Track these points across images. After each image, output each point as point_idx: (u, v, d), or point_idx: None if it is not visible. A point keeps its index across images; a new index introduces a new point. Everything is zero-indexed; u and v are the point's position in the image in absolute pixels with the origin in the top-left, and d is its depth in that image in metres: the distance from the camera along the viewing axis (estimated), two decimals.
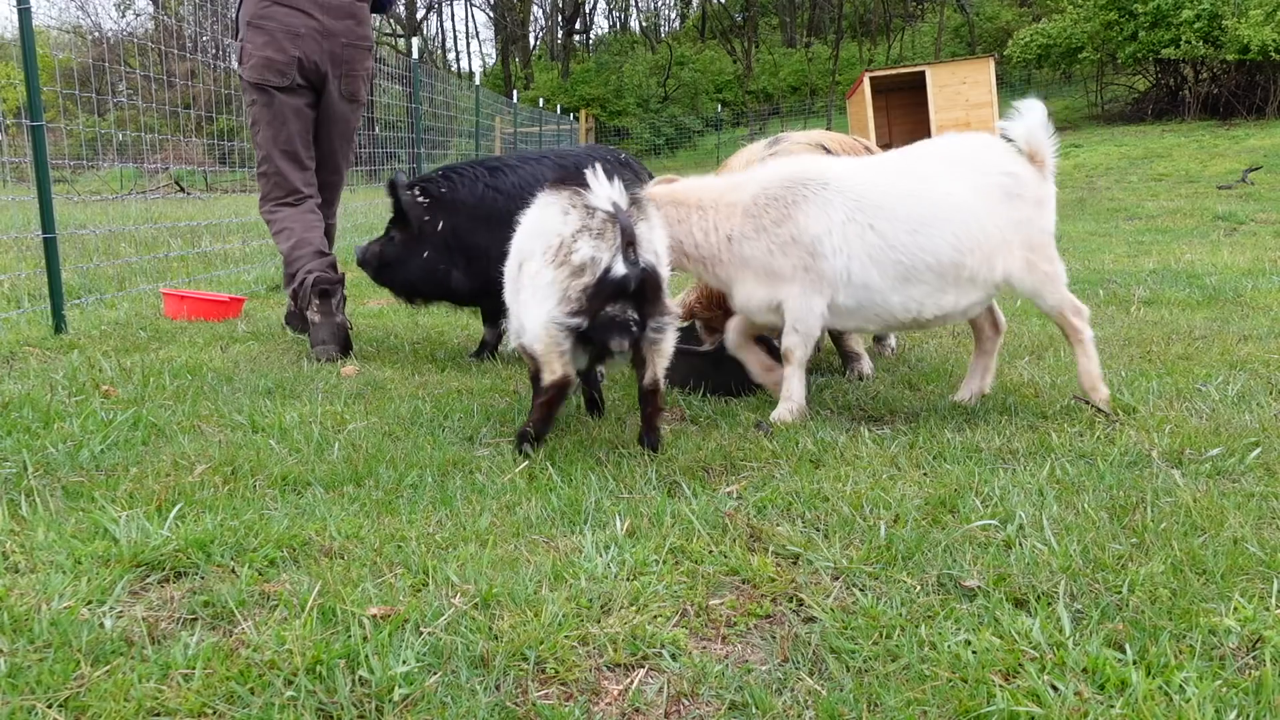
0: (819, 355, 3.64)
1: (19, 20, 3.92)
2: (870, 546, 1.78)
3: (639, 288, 2.26)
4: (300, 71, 3.82)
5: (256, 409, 2.76)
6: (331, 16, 3.85)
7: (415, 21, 36.60)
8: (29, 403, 2.72)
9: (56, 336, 3.94)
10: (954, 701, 1.31)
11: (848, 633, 1.50)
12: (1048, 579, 1.63)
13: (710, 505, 2.00)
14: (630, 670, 1.42)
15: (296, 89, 3.84)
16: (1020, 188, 2.66)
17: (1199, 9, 18.29)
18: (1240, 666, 1.38)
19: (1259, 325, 3.96)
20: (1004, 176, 2.66)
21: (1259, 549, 1.73)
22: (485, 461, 2.31)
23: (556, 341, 2.30)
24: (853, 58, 34.51)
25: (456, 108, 12.47)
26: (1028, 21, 26.71)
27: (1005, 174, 2.66)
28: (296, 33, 3.78)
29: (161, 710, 1.30)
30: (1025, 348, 3.65)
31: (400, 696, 1.32)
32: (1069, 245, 7.48)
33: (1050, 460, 2.26)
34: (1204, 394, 2.85)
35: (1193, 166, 13.96)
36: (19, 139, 5.15)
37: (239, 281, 5.79)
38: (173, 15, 6.93)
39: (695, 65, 35.56)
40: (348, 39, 3.90)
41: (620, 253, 2.24)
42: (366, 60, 4.04)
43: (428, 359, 3.66)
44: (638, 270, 2.24)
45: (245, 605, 1.57)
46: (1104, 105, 23.62)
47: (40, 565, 1.71)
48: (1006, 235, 2.64)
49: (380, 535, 1.85)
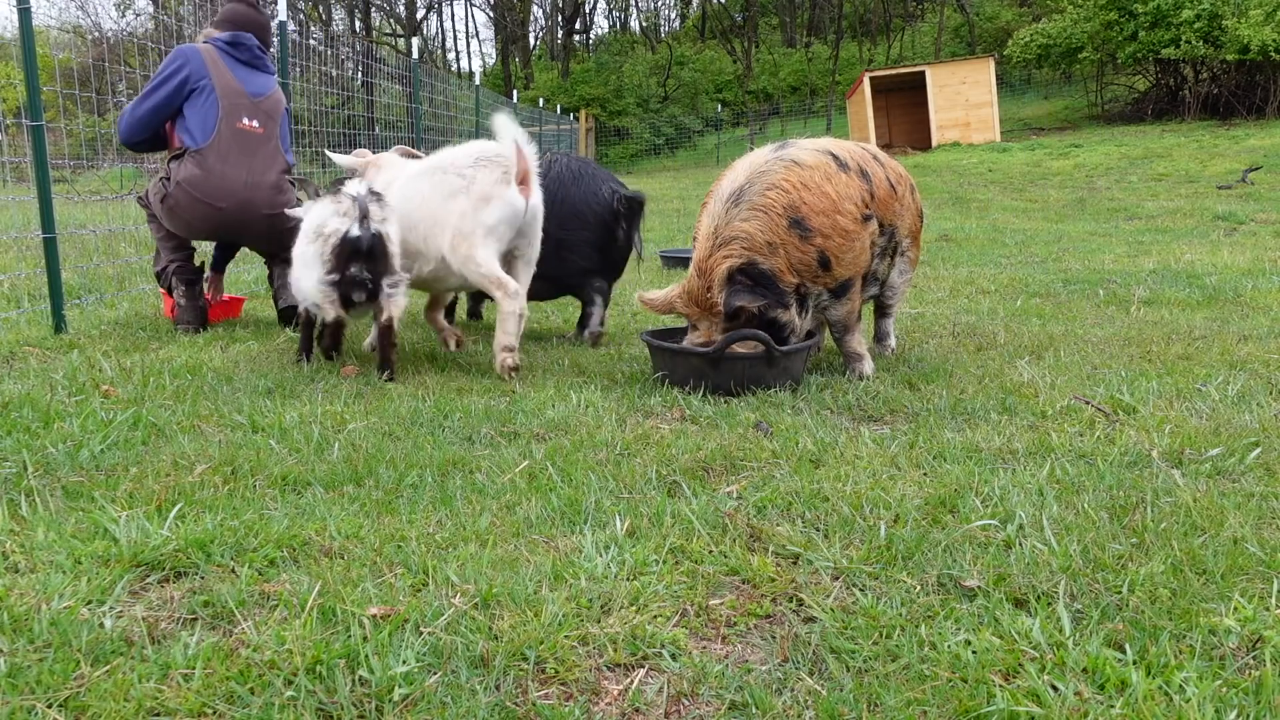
0: (820, 355, 3.64)
1: (19, 20, 3.92)
2: (870, 546, 1.79)
3: (370, 249, 3.14)
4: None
5: (256, 409, 2.76)
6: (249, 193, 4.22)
7: (415, 21, 36.60)
8: (29, 402, 2.72)
9: (56, 336, 3.94)
10: (954, 701, 1.31)
11: (848, 633, 1.50)
12: (1048, 579, 1.63)
13: (710, 505, 2.00)
14: (630, 670, 1.42)
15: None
16: (468, 188, 3.33)
17: (1199, 9, 18.30)
18: (1240, 666, 1.38)
19: (1259, 325, 3.96)
20: (458, 178, 3.35)
21: (1259, 549, 1.73)
22: (485, 461, 2.32)
23: (327, 295, 3.20)
24: (853, 58, 34.53)
25: (456, 108, 12.46)
26: (1028, 21, 26.71)
27: (459, 176, 3.35)
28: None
29: (161, 710, 1.30)
30: (1025, 348, 3.66)
31: (400, 696, 1.32)
32: (1069, 245, 7.49)
33: (1050, 460, 2.26)
34: (1204, 394, 2.85)
35: (1192, 166, 13.96)
36: (19, 139, 5.14)
37: (239, 281, 5.79)
38: (173, 15, 6.93)
39: (695, 65, 35.56)
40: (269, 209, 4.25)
41: (356, 222, 3.13)
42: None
43: (428, 359, 3.66)
44: (369, 234, 3.13)
45: (245, 605, 1.57)
46: (1104, 105, 23.62)
47: (40, 565, 1.71)
48: (446, 222, 3.35)
49: (380, 535, 1.85)
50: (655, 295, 3.19)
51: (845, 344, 3.33)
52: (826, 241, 3.03)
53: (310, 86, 8.27)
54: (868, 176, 3.19)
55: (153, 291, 5.11)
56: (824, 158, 3.12)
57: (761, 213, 3.00)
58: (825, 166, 3.09)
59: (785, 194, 3.01)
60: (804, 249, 3.01)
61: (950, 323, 4.29)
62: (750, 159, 3.19)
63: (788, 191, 3.01)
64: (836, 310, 3.22)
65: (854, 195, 3.10)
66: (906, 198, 3.41)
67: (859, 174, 3.16)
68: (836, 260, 3.07)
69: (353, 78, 10.90)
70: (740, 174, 3.12)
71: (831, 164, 3.11)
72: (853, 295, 3.21)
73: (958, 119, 20.67)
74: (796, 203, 3.00)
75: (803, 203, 3.00)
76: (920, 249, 3.64)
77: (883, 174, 3.28)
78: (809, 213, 3.01)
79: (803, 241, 3.01)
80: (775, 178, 3.03)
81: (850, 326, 3.28)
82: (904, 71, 21.94)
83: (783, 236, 3.00)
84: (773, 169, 3.06)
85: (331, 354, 3.51)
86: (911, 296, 5.12)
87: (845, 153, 3.21)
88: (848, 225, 3.07)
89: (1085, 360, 3.40)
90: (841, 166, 3.13)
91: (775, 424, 2.66)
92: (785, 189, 3.01)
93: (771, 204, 3.00)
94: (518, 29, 38.39)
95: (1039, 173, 15.08)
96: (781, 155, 3.12)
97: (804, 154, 3.12)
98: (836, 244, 3.05)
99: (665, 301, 3.16)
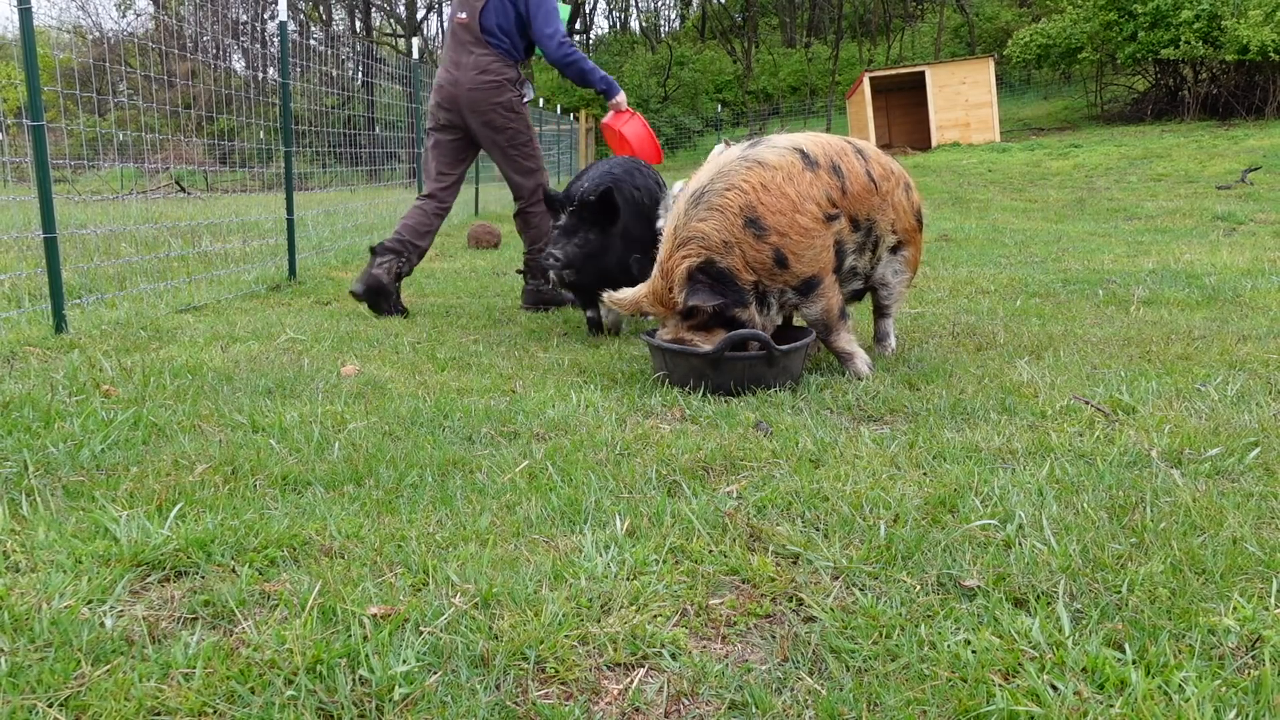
0: (819, 355, 3.64)
1: (20, 20, 3.92)
2: (870, 546, 1.79)
3: None
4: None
5: (256, 409, 2.77)
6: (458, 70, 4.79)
7: (415, 21, 36.59)
8: (29, 402, 2.73)
9: (57, 336, 3.94)
10: (954, 701, 1.31)
11: (847, 632, 1.50)
12: (1047, 579, 1.63)
13: (710, 505, 2.00)
14: (630, 670, 1.42)
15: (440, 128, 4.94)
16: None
17: (1198, 9, 18.31)
18: (1239, 666, 1.38)
19: (1258, 325, 3.96)
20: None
21: (1258, 549, 1.73)
22: (485, 461, 2.32)
23: None
24: (852, 58, 34.53)
25: None
26: (1027, 21, 26.72)
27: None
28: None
29: (162, 709, 1.30)
30: (1025, 348, 3.66)
31: (400, 696, 1.32)
32: (1069, 245, 7.49)
33: (1050, 460, 2.26)
34: (1203, 394, 2.85)
35: (1192, 167, 13.96)
36: (19, 139, 5.14)
37: (239, 282, 5.80)
38: (173, 15, 6.92)
39: (695, 65, 35.55)
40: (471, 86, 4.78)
41: None
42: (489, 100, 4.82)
43: (428, 359, 3.66)
44: None
45: (245, 605, 1.57)
46: (1103, 105, 23.63)
47: (40, 564, 1.71)
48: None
49: (380, 535, 1.85)
50: (624, 295, 3.21)
51: (832, 344, 3.33)
52: (783, 240, 3.04)
53: (310, 86, 8.27)
54: (839, 172, 3.19)
55: (153, 291, 5.12)
56: (790, 156, 3.13)
57: (718, 212, 3.03)
58: (789, 166, 3.10)
59: (743, 194, 3.03)
60: (759, 247, 3.03)
61: (950, 323, 4.29)
62: (720, 159, 3.21)
63: (746, 192, 3.04)
64: (810, 308, 3.22)
65: (817, 194, 3.11)
66: (894, 194, 3.40)
67: (829, 170, 3.16)
68: (795, 257, 3.08)
69: (353, 78, 10.91)
70: (705, 175, 3.16)
71: (798, 163, 3.12)
72: (823, 292, 3.20)
73: (957, 119, 20.68)
74: (754, 203, 3.03)
75: (760, 203, 3.03)
76: (920, 250, 3.63)
77: (861, 169, 3.27)
78: (765, 212, 3.02)
79: (758, 240, 3.03)
80: (736, 178, 3.06)
81: (832, 325, 3.28)
82: (904, 72, 21.95)
83: (738, 235, 3.02)
84: (734, 170, 3.09)
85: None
86: (911, 296, 5.12)
87: (817, 149, 3.21)
88: (807, 224, 3.07)
89: (1085, 360, 3.40)
90: (809, 164, 3.13)
91: (775, 424, 2.66)
92: (744, 189, 3.04)
93: (728, 204, 3.03)
94: None
95: (1038, 173, 15.09)
96: (747, 155, 3.14)
97: (769, 154, 3.13)
98: (794, 242, 3.06)
99: (633, 301, 3.19)
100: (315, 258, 6.98)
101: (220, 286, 5.57)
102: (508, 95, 4.78)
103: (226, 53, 9.79)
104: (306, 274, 6.37)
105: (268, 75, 8.94)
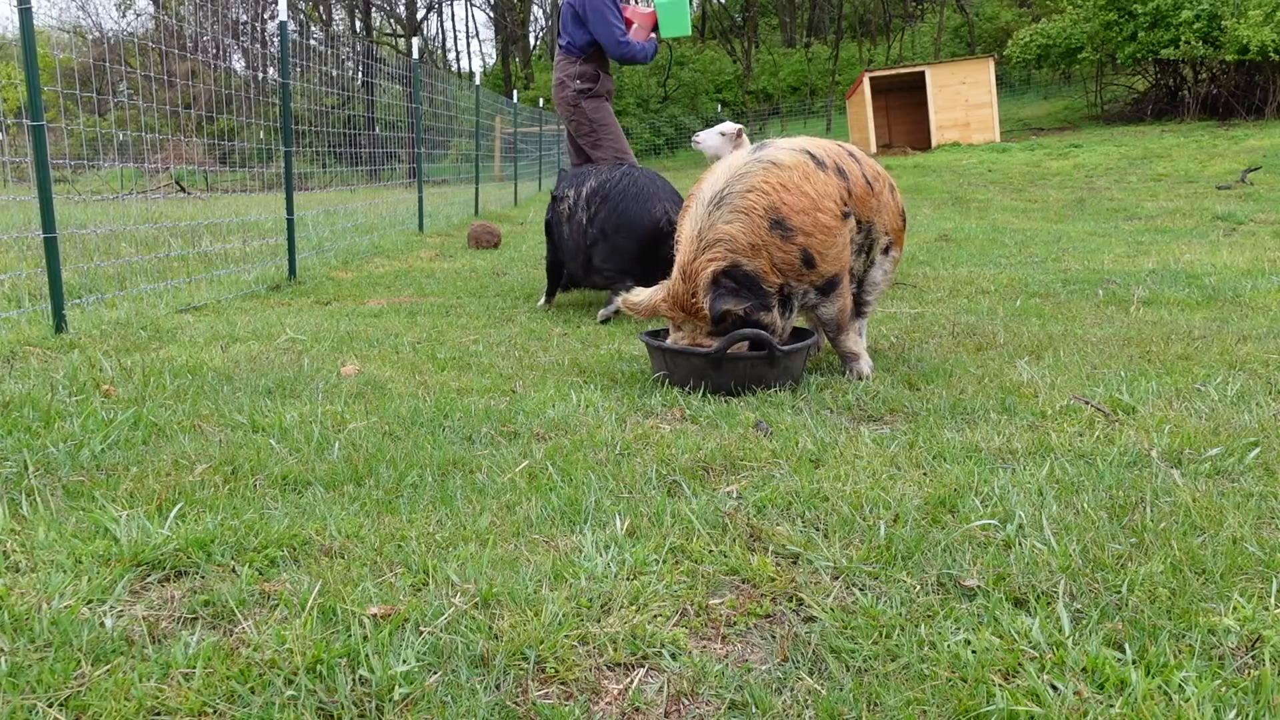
0: (819, 355, 3.64)
1: (20, 20, 3.92)
2: (870, 546, 1.79)
3: None
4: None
5: (256, 409, 2.77)
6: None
7: (415, 21, 36.59)
8: (29, 402, 2.73)
9: (57, 336, 3.94)
10: (954, 701, 1.31)
11: (847, 632, 1.50)
12: (1047, 579, 1.63)
13: (710, 505, 2.00)
14: (630, 670, 1.42)
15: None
16: None
17: (1198, 9, 18.31)
18: (1239, 666, 1.38)
19: (1258, 325, 3.96)
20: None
21: (1258, 549, 1.73)
22: (485, 461, 2.32)
23: None
24: (852, 58, 34.54)
25: (456, 108, 12.47)
26: (1027, 21, 26.73)
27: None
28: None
29: (162, 709, 1.30)
30: (1025, 348, 3.66)
31: (400, 696, 1.32)
32: (1068, 245, 7.49)
33: (1050, 460, 2.26)
34: (1203, 394, 2.85)
35: (1192, 167, 13.96)
36: (19, 139, 5.15)
37: (239, 282, 5.80)
38: (173, 15, 6.91)
39: (695, 65, 35.55)
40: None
41: None
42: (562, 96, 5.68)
43: (428, 359, 3.66)
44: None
45: (245, 605, 1.57)
46: (1103, 105, 23.64)
47: (41, 564, 1.71)
48: None
49: (380, 535, 1.85)
50: (639, 298, 3.19)
51: (841, 344, 3.33)
52: (809, 239, 3.04)
53: (310, 86, 8.27)
54: (845, 174, 3.20)
55: (153, 291, 5.12)
56: (801, 157, 3.14)
57: (743, 214, 3.01)
58: (803, 166, 3.10)
59: (765, 195, 3.02)
60: (786, 249, 3.02)
61: (950, 323, 4.29)
62: (729, 161, 3.20)
63: (768, 193, 3.02)
64: (828, 308, 3.22)
65: (832, 193, 3.12)
66: (884, 195, 3.41)
67: (836, 171, 3.18)
68: (820, 257, 3.08)
69: (353, 78, 10.90)
70: (720, 177, 3.13)
71: (809, 163, 3.12)
72: (842, 292, 3.21)
73: (957, 119, 20.68)
74: (777, 204, 3.01)
75: (783, 204, 3.02)
76: (902, 249, 3.64)
77: (859, 171, 3.29)
78: (789, 212, 3.02)
79: (785, 241, 3.02)
80: (755, 179, 3.05)
81: (844, 325, 3.28)
82: (904, 72, 21.94)
83: (765, 238, 3.01)
84: (752, 171, 3.07)
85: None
86: (911, 296, 5.12)
87: (822, 151, 3.23)
88: (829, 222, 3.08)
89: (1085, 360, 3.40)
90: (819, 165, 3.14)
91: (775, 424, 2.66)
92: (765, 190, 3.03)
93: (753, 206, 3.01)
94: (518, 29, 38.39)
95: (1038, 173, 15.08)
96: (760, 157, 3.13)
97: (782, 154, 3.13)
98: (819, 241, 3.06)
99: (650, 305, 3.17)
100: (315, 258, 6.98)
101: (220, 286, 5.57)
102: (568, 91, 5.59)
103: (226, 53, 9.79)
104: (306, 274, 6.37)
105: (268, 75, 8.94)
